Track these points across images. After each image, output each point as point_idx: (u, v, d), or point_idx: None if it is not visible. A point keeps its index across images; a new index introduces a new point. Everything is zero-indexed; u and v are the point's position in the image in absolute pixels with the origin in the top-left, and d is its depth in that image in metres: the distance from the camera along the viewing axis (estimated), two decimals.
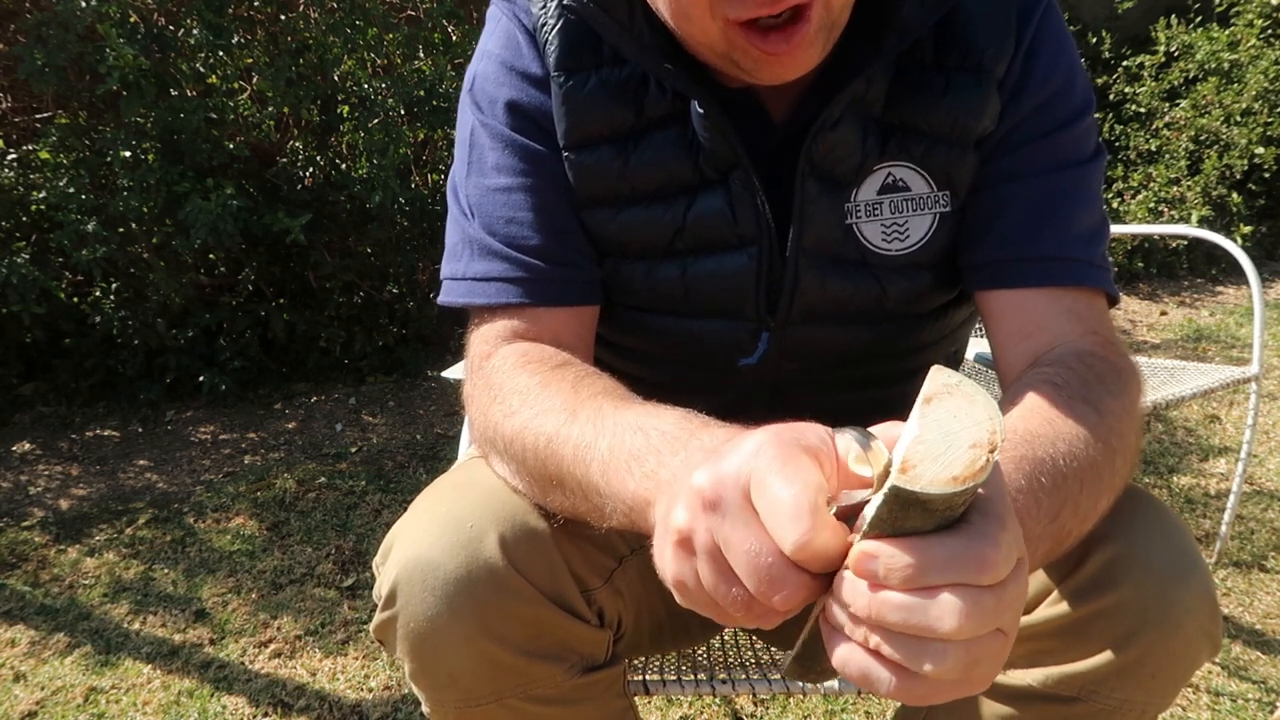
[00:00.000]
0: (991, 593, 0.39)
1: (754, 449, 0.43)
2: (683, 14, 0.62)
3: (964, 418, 0.36)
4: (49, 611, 1.82)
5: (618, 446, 0.57)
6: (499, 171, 0.76)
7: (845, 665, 0.42)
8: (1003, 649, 0.41)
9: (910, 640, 0.40)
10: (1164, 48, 4.80)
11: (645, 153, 0.74)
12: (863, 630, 0.41)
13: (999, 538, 0.39)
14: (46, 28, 2.40)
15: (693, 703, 1.49)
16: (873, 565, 0.39)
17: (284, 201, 2.90)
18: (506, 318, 0.75)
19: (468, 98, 0.79)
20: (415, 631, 0.62)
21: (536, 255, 0.75)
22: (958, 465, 0.35)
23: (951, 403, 0.36)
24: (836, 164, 0.73)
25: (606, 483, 0.57)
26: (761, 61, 0.62)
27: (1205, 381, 1.72)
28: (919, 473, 0.35)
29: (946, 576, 0.38)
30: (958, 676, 0.39)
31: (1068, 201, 0.73)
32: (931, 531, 0.39)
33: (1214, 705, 1.47)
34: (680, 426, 0.55)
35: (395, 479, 2.42)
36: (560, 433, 0.62)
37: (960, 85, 0.71)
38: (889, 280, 0.76)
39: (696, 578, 0.44)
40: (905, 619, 0.39)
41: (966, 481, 0.35)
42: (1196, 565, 0.62)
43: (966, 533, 0.39)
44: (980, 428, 0.35)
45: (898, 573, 0.39)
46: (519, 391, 0.68)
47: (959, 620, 0.38)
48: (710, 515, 0.43)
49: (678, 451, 0.53)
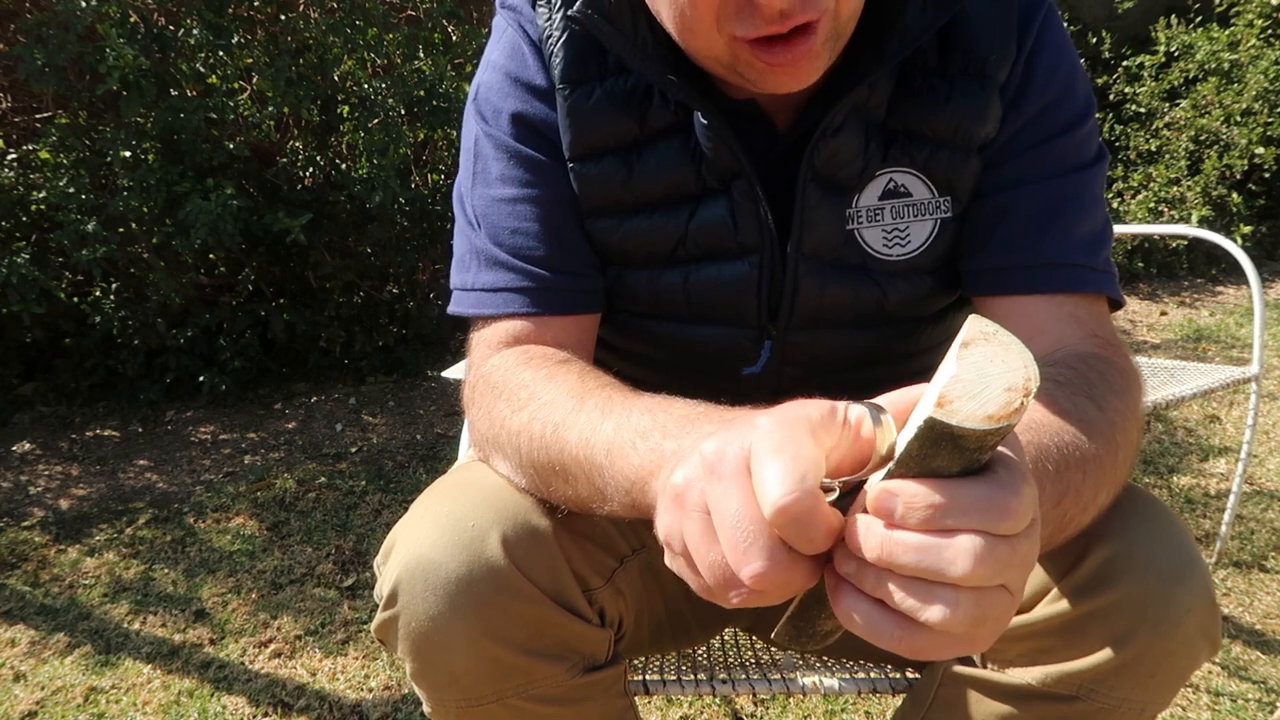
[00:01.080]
0: (1006, 543, 0.39)
1: (762, 424, 0.43)
2: (688, 29, 0.62)
3: (1000, 363, 0.36)
4: (49, 611, 1.82)
5: (624, 426, 0.57)
6: (504, 182, 0.76)
7: (850, 615, 0.42)
8: (1008, 609, 0.41)
9: (919, 584, 0.39)
10: (1164, 48, 4.80)
11: (649, 163, 0.74)
12: (871, 576, 0.41)
13: (1021, 488, 0.39)
14: (46, 28, 2.40)
15: (693, 703, 1.49)
16: (892, 503, 0.39)
17: (284, 201, 2.90)
18: (510, 323, 0.76)
19: (472, 108, 0.79)
20: (417, 631, 0.62)
21: (542, 265, 0.75)
22: (993, 405, 0.36)
23: (989, 348, 0.37)
24: (838, 170, 0.73)
25: (610, 461, 0.57)
26: (766, 73, 0.62)
27: (1205, 381, 1.72)
28: (955, 408, 0.36)
29: (966, 520, 0.38)
30: (963, 629, 0.39)
31: (1070, 207, 0.73)
32: (954, 476, 0.39)
33: (1214, 705, 1.47)
34: (689, 409, 0.56)
35: (395, 479, 2.42)
36: (567, 420, 0.62)
37: (963, 91, 0.71)
38: (890, 285, 0.76)
39: (682, 535, 0.44)
40: (918, 560, 0.39)
41: (1001, 421, 0.36)
42: (1196, 564, 0.62)
43: (990, 480, 0.39)
44: (1016, 373, 0.36)
45: (918, 511, 0.39)
46: (525, 385, 0.68)
47: (971, 564, 0.38)
48: (707, 476, 0.43)
49: (685, 427, 0.53)
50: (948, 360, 0.37)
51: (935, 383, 0.37)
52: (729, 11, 0.59)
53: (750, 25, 0.59)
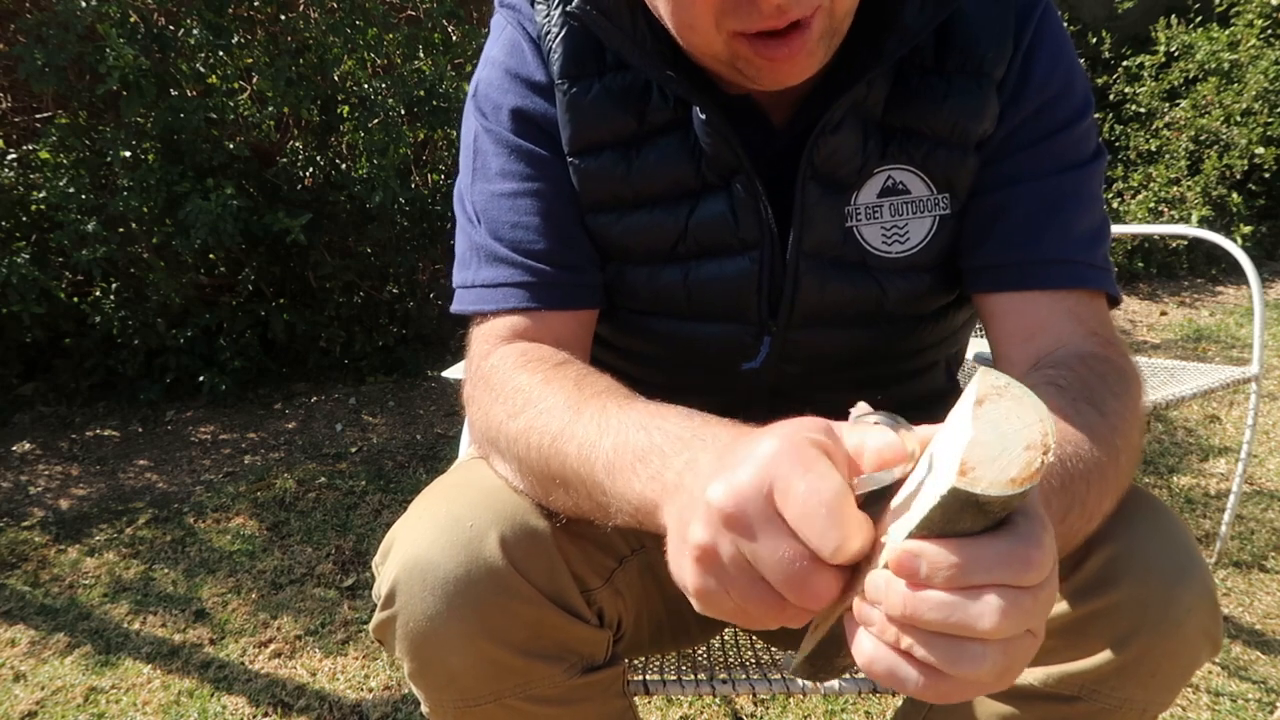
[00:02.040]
0: (1030, 593, 0.39)
1: (769, 455, 0.42)
2: (687, 25, 0.62)
3: (1015, 419, 0.36)
4: (49, 611, 1.82)
5: (622, 445, 0.57)
6: (503, 177, 0.76)
7: (871, 664, 0.42)
8: (1032, 650, 0.41)
9: (944, 640, 0.39)
10: (1164, 48, 4.80)
11: (648, 158, 0.74)
12: (894, 630, 0.41)
13: (1042, 539, 0.39)
14: (46, 28, 2.40)
15: (693, 703, 1.49)
16: (916, 564, 0.39)
17: (284, 201, 2.90)
18: (509, 318, 0.76)
19: (472, 104, 0.79)
20: (415, 631, 0.62)
21: (542, 259, 0.75)
22: (1014, 467, 0.35)
23: (1002, 404, 0.36)
24: (837, 167, 0.73)
25: (612, 482, 0.57)
26: (763, 68, 0.63)
27: (1205, 381, 1.72)
28: (978, 475, 0.35)
29: (990, 577, 0.38)
30: (992, 679, 0.39)
31: (1068, 204, 0.73)
32: (977, 533, 0.39)
33: (1214, 705, 1.47)
34: (683, 425, 0.55)
35: (395, 479, 2.42)
36: (565, 431, 0.62)
37: (961, 88, 0.71)
38: (889, 282, 0.76)
39: (720, 589, 0.44)
40: (945, 617, 0.39)
41: (1024, 483, 0.35)
42: (1196, 564, 0.62)
43: (1011, 534, 0.39)
44: (1033, 429, 0.35)
45: (943, 572, 0.38)
46: (521, 390, 0.68)
47: (998, 620, 0.38)
48: (734, 531, 0.42)
49: (681, 451, 0.53)
50: (961, 418, 0.36)
51: (951, 442, 0.36)
52: (727, 7, 0.59)
53: (748, 20, 0.59)
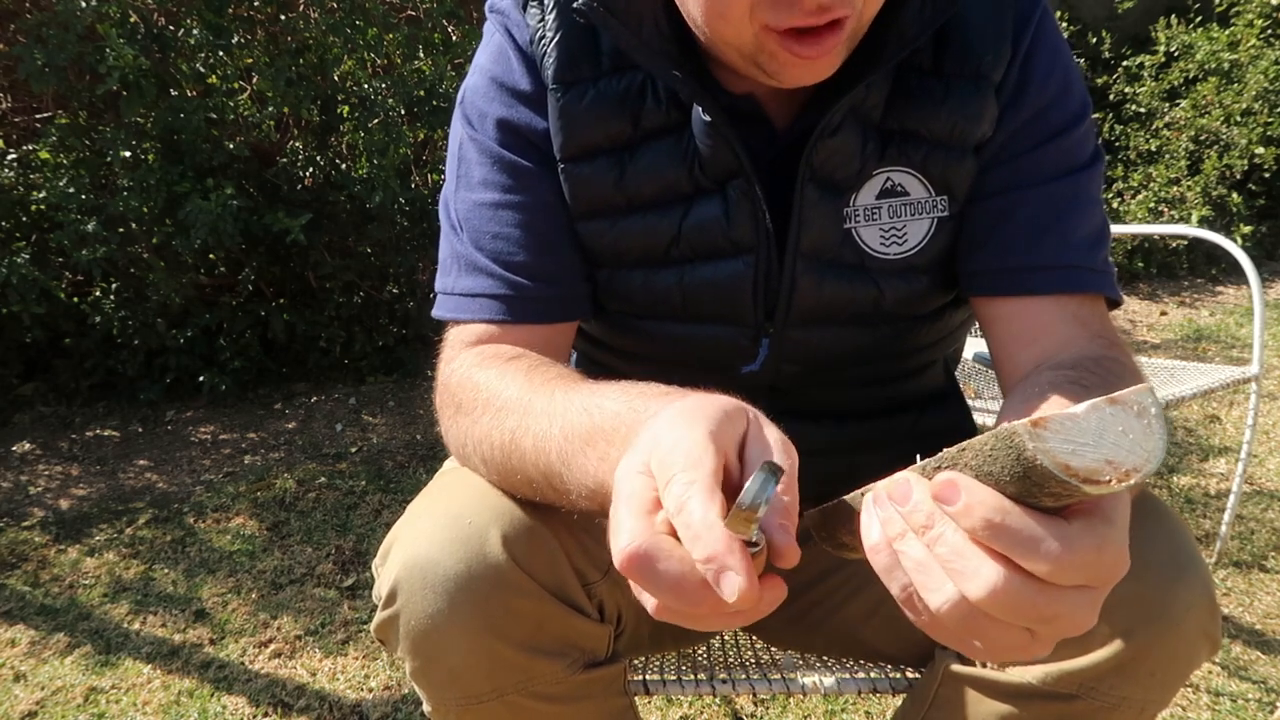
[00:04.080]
0: (1034, 588, 0.38)
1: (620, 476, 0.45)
2: (719, 14, 0.62)
3: (1127, 439, 0.33)
4: (49, 611, 1.82)
5: (569, 431, 0.57)
6: (486, 187, 0.76)
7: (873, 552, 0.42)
8: (1017, 646, 0.40)
9: (934, 568, 0.39)
10: (1164, 48, 4.80)
11: (641, 163, 0.74)
12: (898, 526, 0.41)
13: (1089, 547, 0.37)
14: (46, 28, 2.40)
15: (693, 703, 1.49)
16: (954, 495, 0.38)
17: (284, 201, 2.90)
18: (481, 327, 0.76)
19: (459, 111, 0.79)
20: (416, 629, 0.62)
21: (521, 272, 0.75)
22: (1080, 461, 0.33)
23: (1131, 419, 0.34)
24: (836, 169, 0.73)
25: (568, 469, 0.57)
26: (787, 64, 0.62)
27: (1205, 381, 1.72)
28: (1046, 437, 0.33)
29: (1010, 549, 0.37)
30: (952, 627, 0.39)
31: (1068, 208, 0.73)
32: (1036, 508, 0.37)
33: (1214, 705, 1.47)
34: (623, 403, 0.55)
35: (395, 479, 2.42)
36: (520, 425, 0.62)
37: (959, 91, 0.71)
38: (886, 283, 0.77)
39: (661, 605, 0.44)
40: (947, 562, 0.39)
41: (1073, 478, 0.33)
42: (1195, 563, 0.62)
43: (1061, 525, 0.37)
44: (1131, 456, 0.33)
45: (976, 516, 0.37)
46: (478, 389, 0.68)
47: (984, 592, 0.38)
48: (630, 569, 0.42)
49: (619, 428, 0.53)
50: (1089, 402, 0.34)
51: (1050, 406, 0.35)
52: (766, 1, 0.59)
53: (786, 15, 0.59)
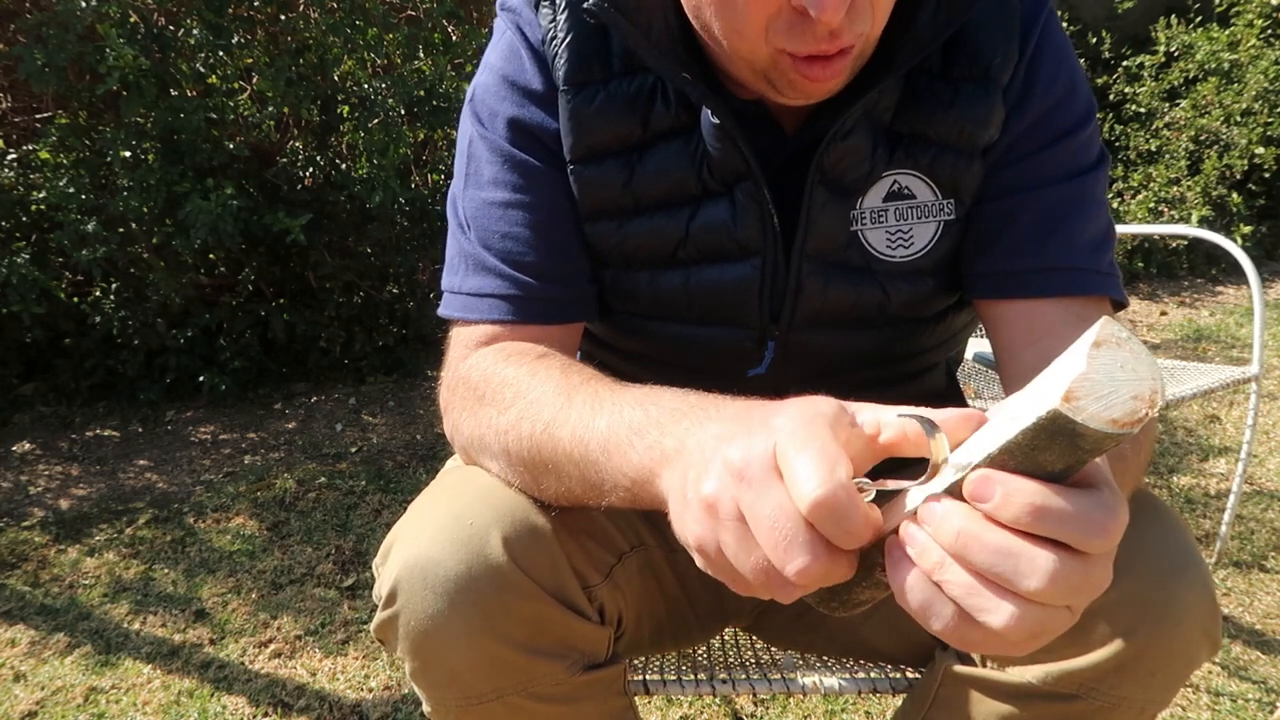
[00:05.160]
0: (1083, 564, 0.38)
1: (780, 423, 0.43)
2: (735, 30, 0.62)
3: (1129, 370, 0.36)
4: (49, 611, 1.82)
5: (617, 422, 0.57)
6: (495, 186, 0.76)
7: (905, 593, 0.41)
8: (1064, 625, 0.40)
9: (984, 587, 0.39)
10: (1164, 48, 4.80)
11: (650, 165, 0.74)
12: (935, 557, 0.40)
13: (1119, 512, 0.38)
14: (46, 28, 2.40)
15: (693, 703, 1.49)
16: (990, 490, 0.38)
17: (284, 201, 2.90)
18: (490, 328, 0.76)
19: (469, 109, 0.79)
20: (416, 630, 0.62)
21: (529, 272, 0.75)
22: (1118, 410, 0.35)
23: (1120, 353, 0.36)
24: (845, 172, 0.73)
25: (607, 458, 0.57)
26: (796, 83, 0.63)
27: (1205, 381, 1.72)
28: (1082, 405, 0.35)
29: (1061, 530, 0.37)
30: (1019, 640, 0.39)
31: (1074, 210, 0.73)
32: (1052, 478, 0.38)
33: (1214, 705, 1.47)
34: (681, 401, 0.56)
35: (395, 479, 2.42)
36: (558, 417, 0.62)
37: (967, 95, 0.71)
38: (892, 286, 0.77)
39: (718, 544, 0.45)
40: (992, 564, 0.38)
41: (1124, 427, 0.35)
42: (1196, 563, 0.63)
43: (1095, 495, 0.38)
44: (1144, 383, 0.36)
45: (1017, 506, 0.38)
46: (509, 383, 0.68)
47: (1046, 581, 0.37)
48: (738, 484, 0.43)
49: (680, 421, 0.53)
50: (1073, 357, 0.37)
51: (1055, 377, 0.36)
52: (780, 26, 0.60)
53: (800, 42, 0.60)
